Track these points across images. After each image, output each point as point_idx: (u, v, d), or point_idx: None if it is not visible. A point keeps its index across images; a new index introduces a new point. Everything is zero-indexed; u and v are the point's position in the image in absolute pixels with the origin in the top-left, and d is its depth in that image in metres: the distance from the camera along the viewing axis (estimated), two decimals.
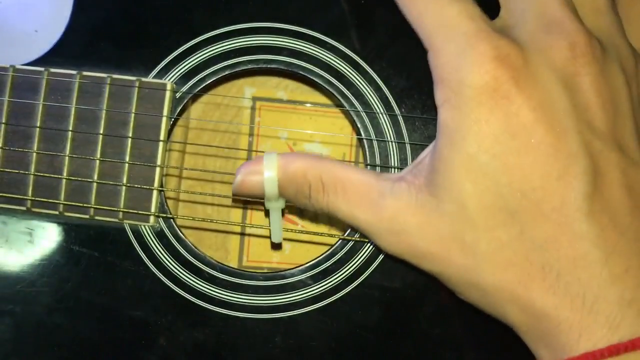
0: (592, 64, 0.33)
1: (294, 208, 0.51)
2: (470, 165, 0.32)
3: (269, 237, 0.42)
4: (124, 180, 0.44)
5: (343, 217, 0.38)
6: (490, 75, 0.32)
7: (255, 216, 0.52)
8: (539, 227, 0.32)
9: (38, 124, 0.44)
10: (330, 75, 0.44)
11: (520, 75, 0.32)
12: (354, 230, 0.43)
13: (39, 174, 0.44)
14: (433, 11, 0.34)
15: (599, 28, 0.36)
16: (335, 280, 0.44)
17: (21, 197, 0.44)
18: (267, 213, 0.41)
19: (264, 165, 0.38)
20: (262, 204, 0.40)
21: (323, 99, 0.51)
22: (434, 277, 0.36)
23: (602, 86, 0.33)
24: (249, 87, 0.52)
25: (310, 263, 0.44)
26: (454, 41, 0.33)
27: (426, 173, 0.35)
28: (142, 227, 0.44)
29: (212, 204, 0.52)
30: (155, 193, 0.44)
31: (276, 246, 0.50)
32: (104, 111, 0.44)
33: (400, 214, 0.35)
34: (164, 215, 0.44)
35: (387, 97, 0.44)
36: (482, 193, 0.32)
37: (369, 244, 0.43)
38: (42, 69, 0.44)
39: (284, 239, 0.51)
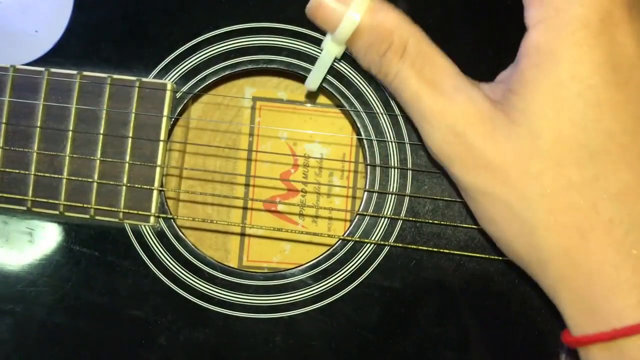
0: None
1: (295, 208, 0.51)
2: (558, 93, 0.29)
3: (304, 81, 0.37)
4: (124, 180, 0.44)
5: (407, 95, 0.34)
6: None
7: (255, 216, 0.52)
8: (619, 175, 0.29)
9: (38, 124, 0.44)
10: (330, 75, 0.44)
11: (633, 5, 0.29)
12: (353, 230, 0.43)
13: (39, 174, 0.44)
14: None
15: None
16: (336, 280, 0.44)
17: (21, 197, 0.44)
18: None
19: (354, 1, 0.33)
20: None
21: (323, 99, 0.51)
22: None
23: None
24: (249, 87, 0.52)
25: (311, 263, 0.44)
26: None
27: (504, 91, 0.32)
28: (143, 227, 0.44)
29: (213, 204, 0.52)
30: (155, 193, 0.44)
31: (309, 94, 0.44)
32: (105, 111, 0.44)
33: (468, 116, 0.32)
34: (164, 215, 0.44)
35: (387, 97, 0.44)
36: (564, 125, 0.29)
37: (368, 245, 0.44)
38: (42, 69, 0.44)
39: (284, 239, 0.51)
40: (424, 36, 0.34)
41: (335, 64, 0.44)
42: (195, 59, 0.45)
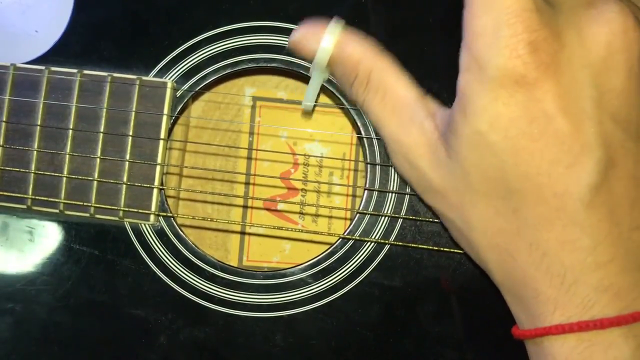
0: (632, 48, 0.32)
1: (295, 207, 0.51)
2: (479, 141, 0.33)
3: (301, 103, 0.41)
4: (125, 179, 0.44)
5: (372, 120, 0.38)
6: (521, 60, 0.31)
7: (256, 215, 0.52)
8: (535, 209, 0.32)
9: (39, 122, 0.44)
10: (331, 75, 0.44)
11: (552, 62, 0.31)
12: (353, 229, 0.43)
13: (39, 172, 0.44)
14: None
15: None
16: (336, 279, 0.44)
17: (21, 195, 0.44)
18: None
19: (325, 33, 0.37)
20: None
21: (323, 98, 0.51)
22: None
23: (636, 71, 0.32)
24: (249, 87, 0.52)
25: (311, 262, 0.44)
26: (493, 15, 0.31)
27: (446, 124, 0.35)
28: (143, 225, 0.44)
29: (213, 203, 0.52)
30: (155, 192, 0.44)
31: (306, 113, 0.48)
32: (105, 110, 0.44)
33: (419, 148, 0.36)
34: (165, 214, 0.44)
35: None
36: (486, 167, 0.33)
37: (368, 243, 0.44)
38: (42, 67, 0.44)
39: (284, 238, 0.51)
40: (388, 66, 0.38)
41: None
42: (195, 58, 0.45)
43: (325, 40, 0.37)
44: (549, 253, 0.32)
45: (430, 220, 0.43)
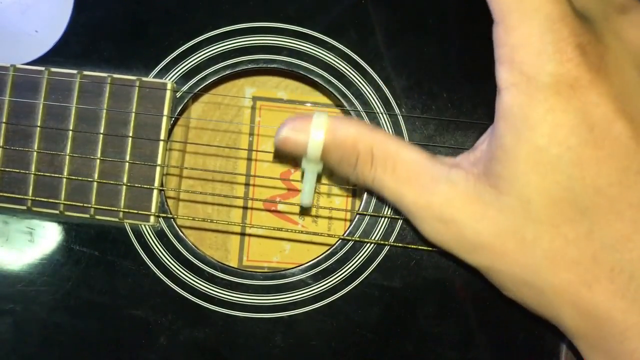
0: None
1: (295, 208, 0.51)
2: (539, 158, 0.30)
3: (299, 202, 0.39)
4: (125, 180, 0.44)
5: (388, 195, 0.35)
6: (573, 63, 0.30)
7: (256, 216, 0.52)
8: (612, 226, 0.30)
9: (38, 123, 0.44)
10: (331, 75, 0.44)
11: (602, 63, 0.30)
12: (353, 230, 0.43)
13: (39, 173, 0.44)
14: None
15: None
16: (336, 280, 0.44)
17: (22, 196, 0.44)
18: (302, 175, 0.39)
19: (312, 124, 0.35)
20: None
21: (323, 99, 0.51)
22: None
23: None
24: (249, 87, 0.52)
25: (311, 262, 0.44)
26: (535, 23, 0.30)
27: (485, 161, 0.33)
28: (143, 226, 0.44)
29: (213, 204, 0.52)
30: (155, 192, 0.44)
31: (305, 210, 0.47)
32: (105, 111, 0.44)
33: (454, 202, 0.33)
34: (165, 214, 0.44)
35: (387, 97, 0.44)
36: (551, 187, 0.30)
37: (369, 244, 0.44)
38: (42, 68, 0.44)
39: (284, 239, 0.51)
40: (387, 137, 0.35)
41: (336, 63, 0.44)
42: (195, 59, 0.45)
43: (315, 129, 0.35)
44: (636, 274, 0.29)
45: None
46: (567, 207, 0.30)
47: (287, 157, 0.37)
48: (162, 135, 0.44)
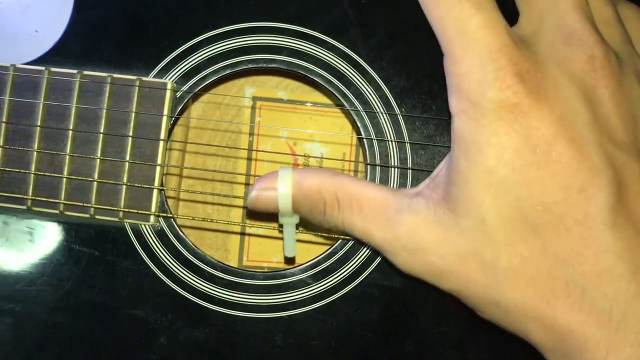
0: (611, 77, 0.33)
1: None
2: (489, 179, 0.32)
3: (283, 252, 0.42)
4: (125, 180, 0.44)
5: (359, 235, 0.37)
6: (511, 90, 0.32)
7: (256, 216, 0.52)
8: (562, 241, 0.31)
9: (39, 123, 0.44)
10: (331, 75, 0.44)
11: (540, 90, 0.32)
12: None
13: (39, 173, 0.44)
14: (457, 18, 0.33)
15: (611, 40, 0.36)
16: (336, 280, 0.44)
17: (22, 196, 0.44)
18: (281, 227, 0.41)
19: (278, 181, 0.38)
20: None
21: (323, 99, 0.51)
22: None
23: (621, 98, 0.33)
24: (249, 87, 0.52)
25: (311, 262, 0.44)
26: (476, 53, 0.32)
27: (444, 186, 0.34)
28: (143, 226, 0.44)
29: (213, 204, 0.52)
30: (155, 192, 0.44)
31: (289, 260, 0.49)
32: (105, 110, 0.44)
33: (418, 230, 0.34)
34: (165, 214, 0.44)
35: (387, 97, 0.44)
36: (502, 207, 0.32)
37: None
38: (42, 68, 0.44)
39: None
40: (349, 179, 0.37)
41: (336, 63, 0.44)
42: (195, 58, 0.45)
43: (282, 185, 0.38)
44: (588, 288, 0.31)
45: None
46: (519, 226, 0.32)
47: (261, 213, 0.40)
48: (162, 135, 0.44)
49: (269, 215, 0.40)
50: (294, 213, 0.39)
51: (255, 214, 0.51)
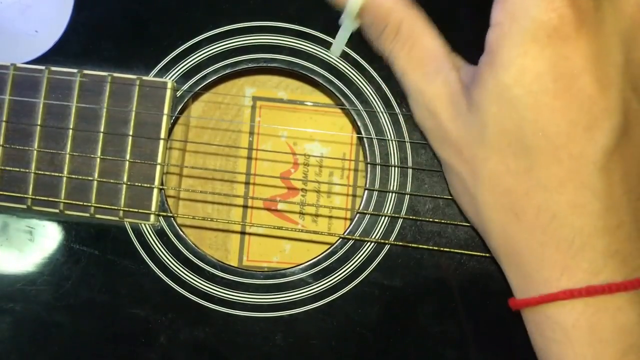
0: None
1: (295, 207, 0.51)
2: (502, 93, 0.33)
3: (328, 49, 0.44)
4: (125, 179, 0.44)
5: (397, 68, 0.39)
6: (557, 13, 0.31)
7: (256, 215, 0.52)
8: (549, 169, 0.32)
9: (39, 122, 0.44)
10: (331, 74, 0.44)
11: (586, 20, 0.31)
12: (353, 229, 0.44)
13: (39, 172, 0.44)
14: None
15: None
16: (336, 279, 0.44)
17: (21, 195, 0.44)
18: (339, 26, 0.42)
19: None
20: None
21: (323, 98, 0.51)
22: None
23: None
24: (249, 86, 0.52)
25: (311, 261, 0.44)
26: None
27: (472, 76, 0.35)
28: (143, 225, 0.44)
29: (213, 203, 0.52)
30: (155, 191, 0.44)
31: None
32: (105, 109, 0.44)
33: (441, 98, 0.37)
34: (165, 213, 0.44)
35: (387, 96, 0.44)
36: (505, 120, 0.33)
37: (369, 243, 0.44)
38: (42, 67, 0.44)
39: (284, 238, 0.51)
40: (418, 18, 0.38)
41: (336, 63, 0.44)
42: (195, 58, 0.45)
43: None
44: (559, 216, 0.32)
45: (430, 220, 0.43)
46: (514, 141, 0.33)
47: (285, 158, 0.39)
48: (163, 134, 0.44)
49: (269, 216, 0.40)
50: (356, 20, 0.40)
51: (256, 213, 0.51)
